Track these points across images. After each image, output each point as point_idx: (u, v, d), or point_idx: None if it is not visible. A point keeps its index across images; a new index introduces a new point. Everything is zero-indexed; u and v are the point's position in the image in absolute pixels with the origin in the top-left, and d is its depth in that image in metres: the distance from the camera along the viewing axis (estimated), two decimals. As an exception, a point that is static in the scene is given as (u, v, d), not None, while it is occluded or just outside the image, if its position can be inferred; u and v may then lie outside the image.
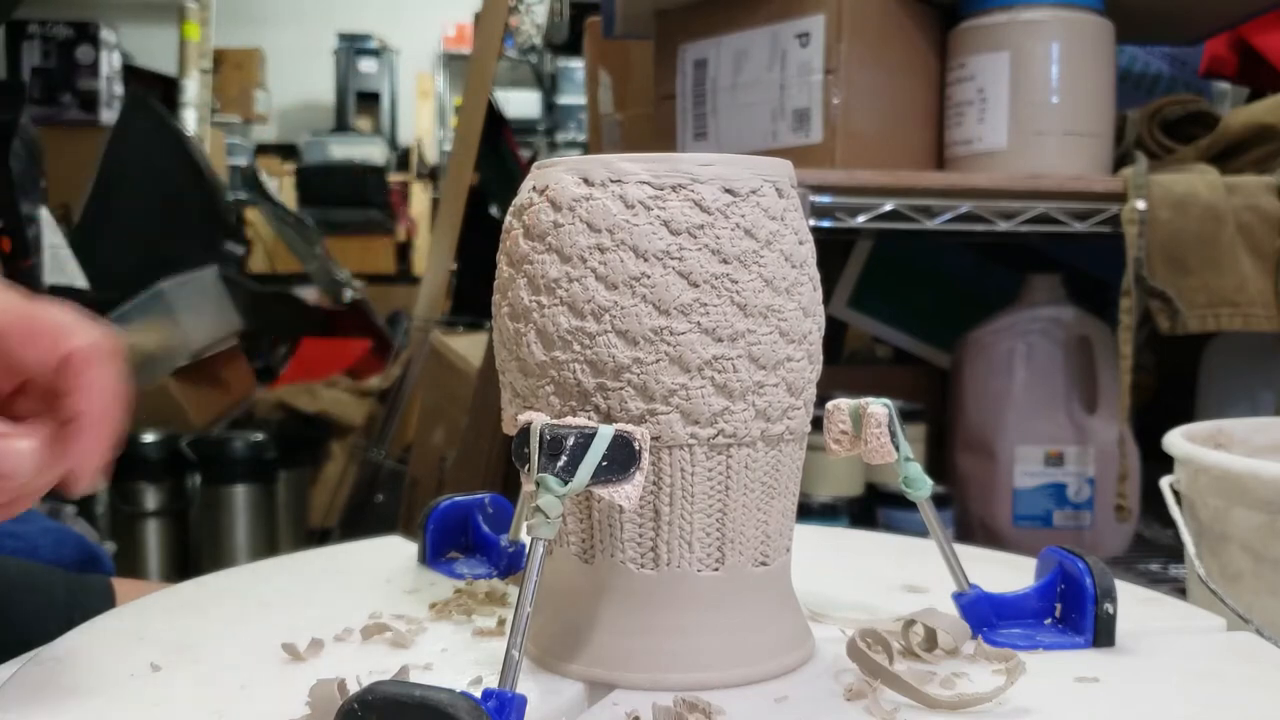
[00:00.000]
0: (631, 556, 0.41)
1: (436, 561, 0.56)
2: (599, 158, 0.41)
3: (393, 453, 2.47)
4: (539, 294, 0.41)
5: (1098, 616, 0.44)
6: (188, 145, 3.19)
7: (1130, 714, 0.40)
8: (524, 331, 0.41)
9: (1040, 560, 0.49)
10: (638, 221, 0.40)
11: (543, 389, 0.41)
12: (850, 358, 1.51)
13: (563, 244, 0.41)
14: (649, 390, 0.40)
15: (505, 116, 2.69)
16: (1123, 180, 1.06)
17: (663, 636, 0.42)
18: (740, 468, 0.41)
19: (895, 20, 1.12)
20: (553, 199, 0.41)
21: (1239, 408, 1.22)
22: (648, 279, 0.40)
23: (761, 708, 0.40)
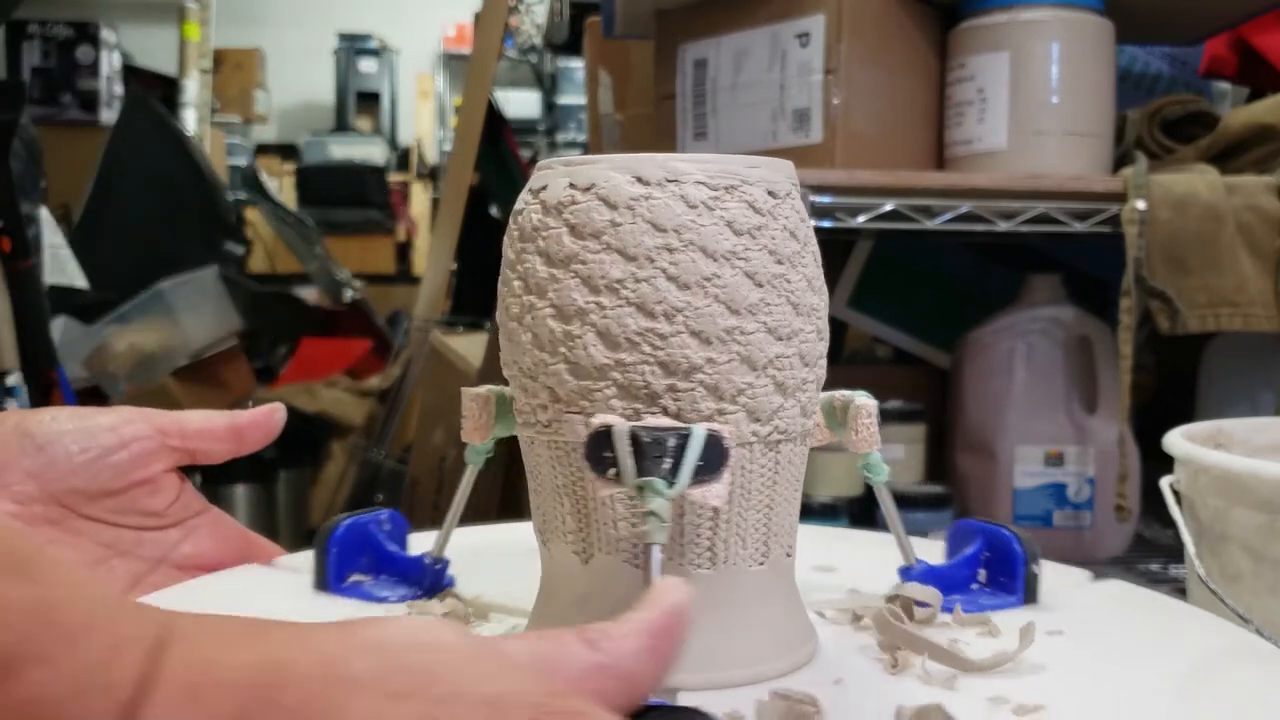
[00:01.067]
0: (690, 558, 0.42)
1: (340, 587, 0.50)
2: (647, 156, 0.41)
3: (393, 453, 2.47)
4: (599, 294, 0.40)
5: (1027, 577, 0.50)
6: (188, 145, 3.19)
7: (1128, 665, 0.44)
8: (579, 333, 0.40)
9: (954, 534, 0.53)
10: (703, 222, 0.40)
11: (601, 391, 0.40)
12: (850, 358, 1.51)
13: (625, 243, 0.40)
14: (720, 390, 0.40)
15: (505, 116, 2.69)
16: (1123, 180, 1.06)
17: (722, 633, 0.42)
18: (786, 463, 0.43)
19: (895, 20, 1.12)
20: (605, 197, 0.40)
21: (1239, 408, 1.22)
22: (719, 279, 0.40)
23: (827, 691, 0.40)
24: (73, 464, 0.50)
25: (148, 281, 2.78)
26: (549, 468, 0.42)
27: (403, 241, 5.18)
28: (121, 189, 2.99)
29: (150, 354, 2.69)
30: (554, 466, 0.42)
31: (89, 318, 2.66)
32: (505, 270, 0.43)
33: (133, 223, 2.96)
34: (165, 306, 2.75)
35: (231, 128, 5.27)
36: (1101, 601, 0.52)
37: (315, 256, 3.54)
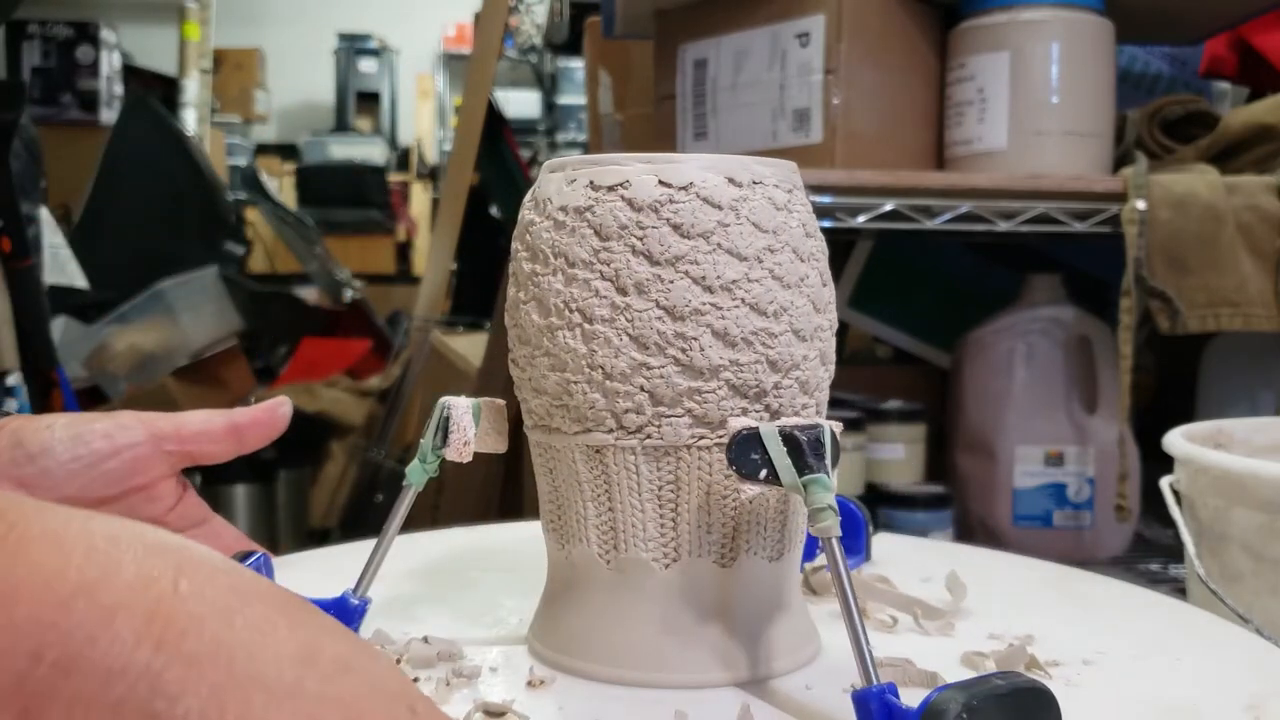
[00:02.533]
0: (769, 552, 0.43)
1: None
2: (736, 159, 0.41)
3: (393, 453, 2.47)
4: (713, 293, 0.40)
5: (867, 538, 0.57)
6: (188, 145, 3.19)
7: (1012, 594, 0.52)
8: (695, 333, 0.40)
9: None
10: (791, 224, 0.41)
11: (713, 391, 0.40)
12: (850, 358, 1.51)
13: (735, 244, 0.40)
14: (808, 386, 0.42)
15: (505, 116, 2.68)
16: (1123, 180, 1.06)
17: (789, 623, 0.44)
18: None
19: (895, 20, 1.12)
20: (706, 197, 0.40)
21: (1239, 408, 1.22)
22: (809, 280, 0.42)
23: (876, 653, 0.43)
24: (65, 472, 0.49)
25: (148, 281, 2.78)
26: (628, 475, 0.41)
27: (403, 241, 5.18)
28: (121, 189, 2.99)
29: (150, 354, 2.68)
30: (636, 473, 0.41)
31: (89, 318, 2.66)
32: (574, 270, 0.41)
33: (133, 223, 2.96)
34: (165, 306, 2.75)
35: (231, 128, 5.27)
36: (896, 552, 0.60)
37: (315, 256, 3.54)
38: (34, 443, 0.49)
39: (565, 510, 0.43)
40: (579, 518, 0.43)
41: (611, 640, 0.42)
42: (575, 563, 0.43)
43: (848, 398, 1.25)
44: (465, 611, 0.50)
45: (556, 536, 0.44)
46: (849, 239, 1.37)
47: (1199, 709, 0.40)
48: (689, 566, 0.42)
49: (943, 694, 0.32)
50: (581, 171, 0.41)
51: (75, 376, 2.47)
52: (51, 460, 0.49)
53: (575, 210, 0.41)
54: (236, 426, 0.54)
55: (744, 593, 0.42)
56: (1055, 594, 0.54)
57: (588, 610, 0.43)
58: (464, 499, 1.62)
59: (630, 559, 0.42)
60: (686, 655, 0.42)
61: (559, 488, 0.44)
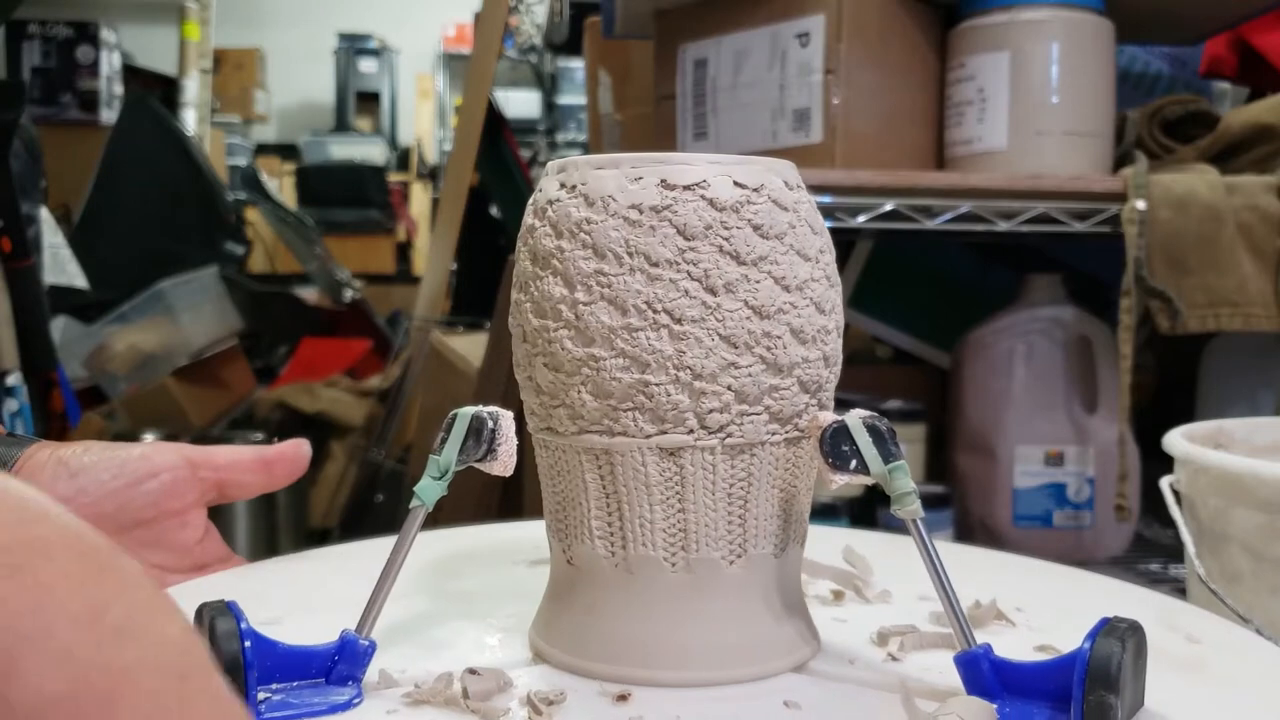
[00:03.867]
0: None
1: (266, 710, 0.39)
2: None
3: (393, 453, 2.47)
4: (790, 293, 0.41)
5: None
6: (188, 145, 3.19)
7: None
8: (779, 332, 0.41)
9: None
10: (797, 225, 0.42)
11: (789, 388, 0.41)
12: (850, 358, 1.50)
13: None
14: (809, 386, 0.42)
15: (505, 116, 2.69)
16: (1123, 180, 1.06)
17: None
18: (806, 457, 0.44)
19: (895, 20, 1.12)
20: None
21: (1239, 408, 1.22)
22: (813, 282, 0.42)
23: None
24: (105, 490, 0.50)
25: (148, 281, 2.78)
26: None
27: (403, 241, 5.18)
28: (121, 189, 2.99)
29: (150, 354, 2.69)
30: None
31: (89, 318, 2.66)
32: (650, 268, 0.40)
33: (133, 223, 2.96)
34: (165, 306, 2.75)
35: (231, 128, 5.27)
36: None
37: (315, 256, 3.54)
38: (75, 463, 0.50)
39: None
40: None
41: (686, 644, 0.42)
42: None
43: (848, 398, 1.25)
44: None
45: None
46: (849, 239, 1.37)
47: None
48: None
49: (1099, 641, 0.36)
50: (647, 169, 0.41)
51: (75, 376, 2.47)
52: (90, 479, 0.50)
53: (645, 209, 0.40)
54: (266, 460, 0.55)
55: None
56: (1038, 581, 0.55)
57: (652, 615, 0.42)
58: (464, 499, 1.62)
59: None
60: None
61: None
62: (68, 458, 0.51)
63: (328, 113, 6.04)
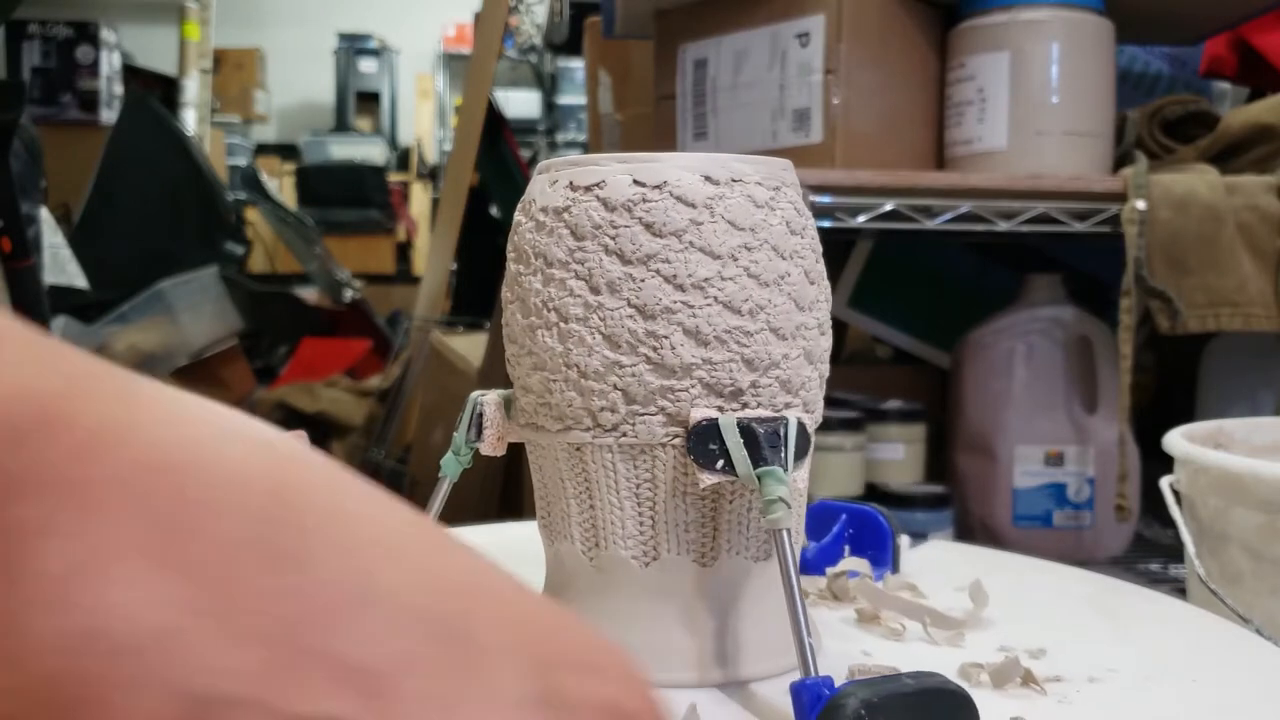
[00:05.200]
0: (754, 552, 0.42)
1: None
2: (712, 156, 0.41)
3: (393, 453, 2.47)
4: (685, 292, 0.40)
5: (895, 548, 0.55)
6: (188, 145, 3.19)
7: (1042, 606, 0.50)
8: (666, 331, 0.40)
9: (812, 516, 0.57)
10: (771, 222, 0.41)
11: (687, 390, 0.40)
12: (850, 358, 1.51)
13: (708, 242, 0.40)
14: (791, 385, 0.41)
15: (505, 116, 2.68)
16: (1123, 180, 1.06)
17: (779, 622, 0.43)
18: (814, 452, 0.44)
19: (895, 20, 1.12)
20: (680, 195, 0.40)
21: (1239, 408, 1.22)
22: (790, 277, 0.41)
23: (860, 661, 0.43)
24: None
25: (148, 281, 2.78)
26: (606, 472, 0.41)
27: (403, 241, 5.18)
28: (121, 189, 2.99)
29: (150, 354, 2.68)
30: (614, 470, 0.41)
31: (89, 318, 2.66)
32: (551, 270, 0.41)
33: (133, 223, 2.96)
34: (165, 306, 2.75)
35: (231, 128, 5.27)
36: (943, 559, 0.59)
37: (315, 256, 3.54)
38: None
39: (552, 507, 0.44)
40: (563, 515, 0.43)
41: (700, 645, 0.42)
42: (563, 560, 0.44)
43: (848, 398, 1.25)
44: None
45: (547, 533, 0.45)
46: (849, 239, 1.37)
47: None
48: (668, 565, 0.41)
49: (846, 689, 0.32)
50: (563, 172, 0.42)
51: (75, 376, 2.46)
52: None
53: (554, 210, 0.41)
54: None
55: (727, 593, 0.42)
56: (1090, 608, 0.52)
57: (573, 608, 0.43)
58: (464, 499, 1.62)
59: (611, 556, 0.42)
60: (662, 655, 0.41)
61: (546, 485, 0.44)
62: None
63: (328, 113, 6.04)
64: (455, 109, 5.02)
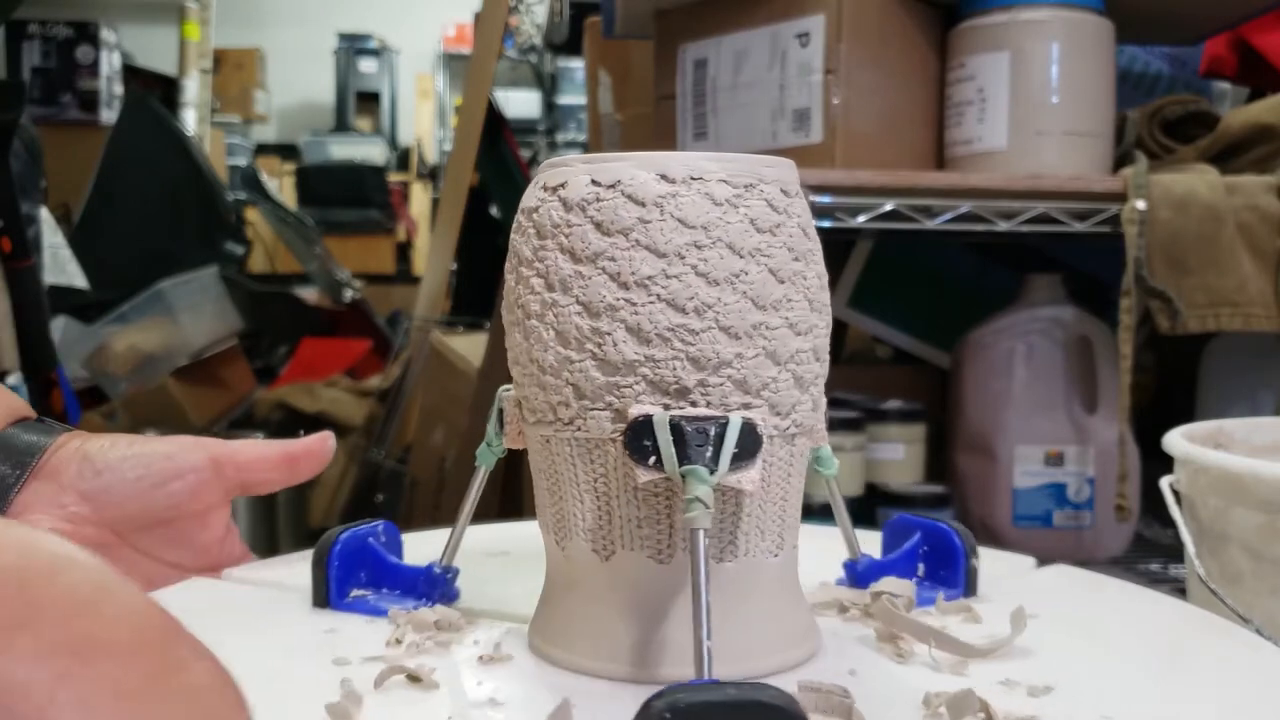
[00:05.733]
0: (714, 551, 0.42)
1: (342, 603, 0.49)
2: (672, 155, 0.41)
3: (393, 453, 2.47)
4: (628, 290, 0.40)
5: (968, 570, 0.51)
6: (188, 145, 3.19)
7: (1110, 643, 0.45)
8: (609, 329, 0.40)
9: (890, 529, 0.54)
10: (729, 219, 0.41)
11: (631, 387, 0.41)
12: (850, 358, 1.51)
13: (654, 240, 0.40)
14: (748, 384, 0.41)
15: (505, 116, 2.69)
16: (1123, 180, 1.06)
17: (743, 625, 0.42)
18: (799, 456, 0.43)
19: (895, 20, 1.12)
20: (631, 194, 0.41)
21: (1239, 408, 1.22)
22: (746, 275, 0.41)
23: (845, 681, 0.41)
24: (129, 490, 0.50)
25: (148, 281, 2.78)
26: (568, 466, 0.42)
27: (403, 241, 5.18)
28: (121, 189, 2.99)
29: (150, 354, 2.69)
30: (574, 464, 0.42)
31: (89, 318, 2.66)
32: (520, 268, 0.43)
33: (133, 223, 2.96)
34: (165, 306, 2.75)
35: (231, 128, 5.27)
36: (1049, 586, 0.54)
37: (315, 256, 3.54)
38: (100, 459, 0.50)
39: (538, 500, 0.45)
40: (543, 507, 0.45)
41: (565, 627, 0.43)
42: (549, 552, 0.45)
43: (848, 398, 1.25)
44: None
45: (551, 533, 0.45)
46: (849, 239, 1.37)
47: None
48: (624, 560, 0.42)
49: (664, 691, 0.31)
50: (544, 174, 0.43)
51: (75, 376, 2.47)
52: (115, 477, 0.50)
53: (527, 211, 0.43)
54: (291, 455, 0.54)
55: (684, 591, 0.42)
56: (1158, 649, 0.46)
57: (550, 597, 0.45)
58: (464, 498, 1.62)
59: (577, 548, 0.43)
60: (609, 648, 0.42)
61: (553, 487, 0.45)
62: (93, 453, 0.50)
63: (328, 113, 6.05)
64: (455, 109, 5.02)
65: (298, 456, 0.55)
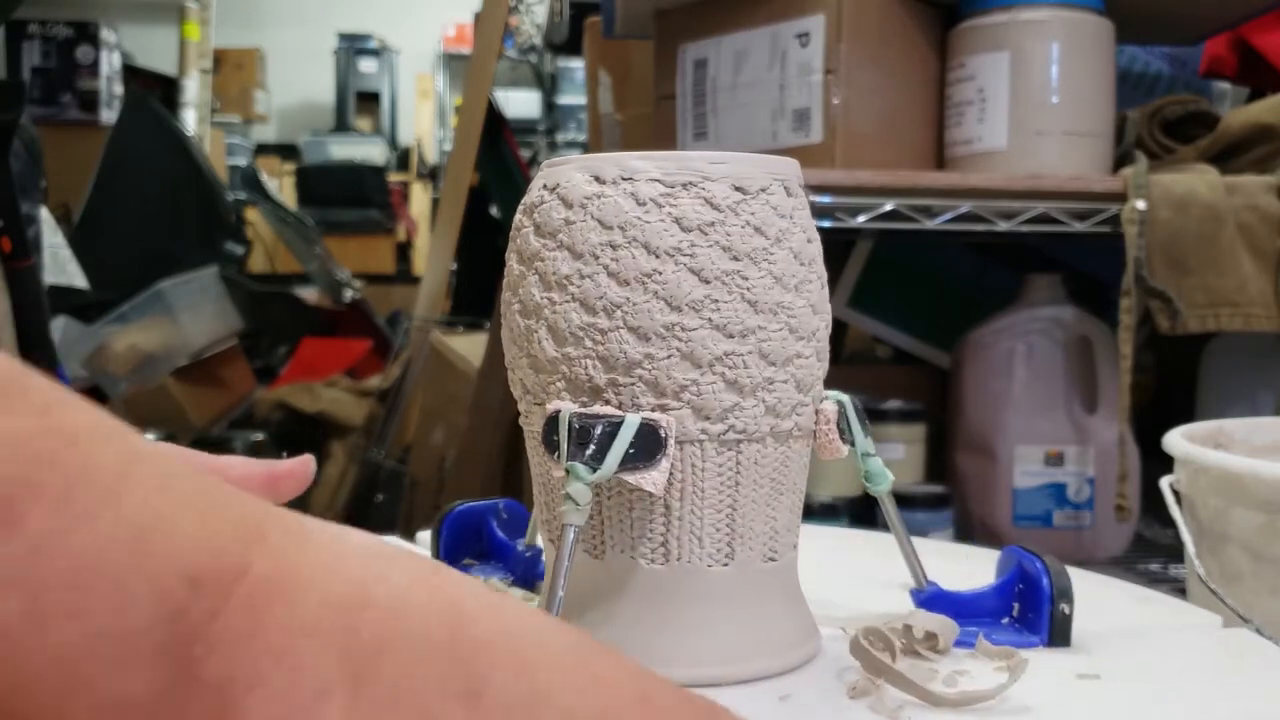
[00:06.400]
0: (642, 552, 0.41)
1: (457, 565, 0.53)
2: (610, 156, 0.41)
3: (393, 453, 2.47)
4: (550, 290, 0.41)
5: (1053, 616, 0.44)
6: (188, 145, 3.19)
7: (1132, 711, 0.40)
8: (535, 328, 0.42)
9: (1000, 559, 0.49)
10: (649, 219, 0.40)
11: (554, 384, 0.41)
12: (850, 358, 1.51)
13: (574, 241, 0.41)
14: (660, 386, 0.40)
15: (505, 116, 2.68)
16: (1123, 180, 1.06)
17: (671, 631, 0.42)
18: (750, 463, 0.42)
19: (895, 20, 1.12)
20: (564, 196, 0.41)
21: (1239, 408, 1.22)
22: (659, 275, 0.40)
23: (765, 706, 0.39)
24: None
25: (148, 281, 2.78)
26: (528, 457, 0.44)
27: (403, 241, 5.18)
28: (121, 189, 2.99)
29: (150, 354, 2.68)
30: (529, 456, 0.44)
31: (89, 318, 2.66)
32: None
33: (133, 223, 2.96)
34: (165, 306, 2.75)
35: (231, 128, 5.27)
36: (1199, 650, 0.46)
37: (315, 256, 3.54)
38: None
39: None
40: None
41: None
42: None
43: (848, 398, 1.25)
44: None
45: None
46: (849, 239, 1.37)
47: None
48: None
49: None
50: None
51: (75, 376, 2.47)
52: None
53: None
54: (274, 476, 0.55)
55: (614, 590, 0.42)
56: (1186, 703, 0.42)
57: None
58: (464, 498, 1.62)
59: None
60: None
61: None
62: None
63: (328, 113, 6.04)
64: (455, 109, 5.02)
65: (280, 477, 0.55)
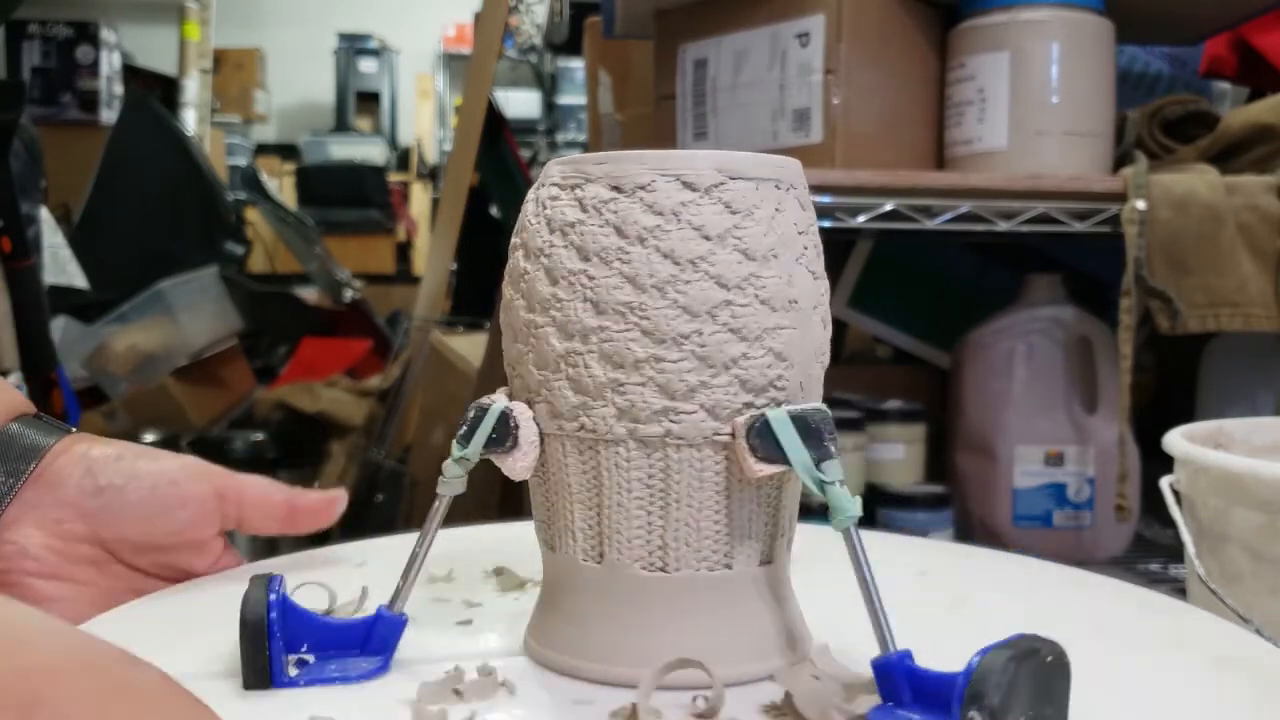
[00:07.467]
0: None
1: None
2: (591, 157, 0.42)
3: (393, 453, 2.47)
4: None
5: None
6: (188, 145, 3.19)
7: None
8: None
9: None
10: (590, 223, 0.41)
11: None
12: (850, 358, 1.51)
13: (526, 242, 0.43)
14: (582, 385, 0.41)
15: (505, 116, 2.68)
16: (1123, 180, 1.06)
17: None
18: (685, 468, 0.41)
19: (895, 20, 1.12)
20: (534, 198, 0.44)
21: (1239, 408, 1.22)
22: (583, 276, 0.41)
23: None
24: (129, 514, 0.50)
25: (148, 281, 2.78)
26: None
27: (403, 241, 5.18)
28: (121, 189, 2.99)
29: (150, 354, 2.69)
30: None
31: (89, 318, 2.66)
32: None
33: (133, 223, 2.96)
34: (165, 306, 2.75)
35: (231, 128, 5.27)
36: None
37: (315, 256, 3.54)
38: (104, 475, 0.49)
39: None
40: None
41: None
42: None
43: (848, 398, 1.25)
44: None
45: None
46: (849, 239, 1.37)
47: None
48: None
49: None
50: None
51: (75, 376, 2.47)
52: (116, 498, 0.49)
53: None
54: (294, 508, 0.54)
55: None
56: None
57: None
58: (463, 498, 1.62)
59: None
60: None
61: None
62: (97, 466, 0.50)
63: (328, 113, 6.04)
64: (455, 109, 5.02)
65: (299, 513, 0.54)
